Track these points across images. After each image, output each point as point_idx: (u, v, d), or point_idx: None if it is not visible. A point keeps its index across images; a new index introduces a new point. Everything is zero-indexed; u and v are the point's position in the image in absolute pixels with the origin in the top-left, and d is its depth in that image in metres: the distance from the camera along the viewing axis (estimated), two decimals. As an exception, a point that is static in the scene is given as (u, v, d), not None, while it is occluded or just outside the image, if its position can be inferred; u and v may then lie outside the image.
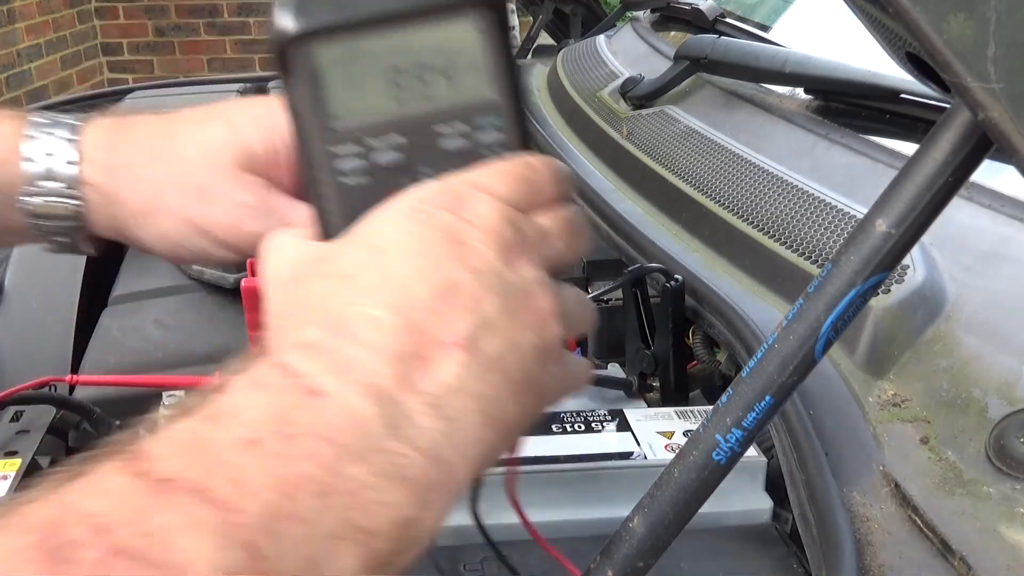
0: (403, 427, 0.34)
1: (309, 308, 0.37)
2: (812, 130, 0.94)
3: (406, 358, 0.35)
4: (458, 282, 0.37)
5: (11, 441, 0.73)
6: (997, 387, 0.61)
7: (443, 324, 0.36)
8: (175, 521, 0.29)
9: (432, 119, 0.44)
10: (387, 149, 0.43)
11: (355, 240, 0.40)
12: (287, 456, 0.31)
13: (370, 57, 0.43)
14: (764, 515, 0.68)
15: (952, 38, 0.31)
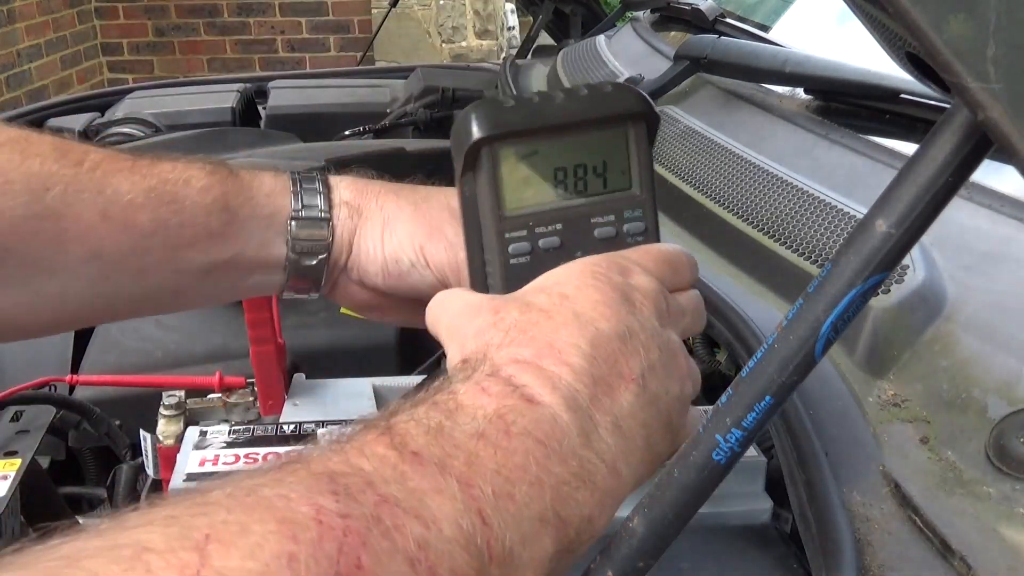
0: (593, 439, 0.41)
1: (516, 330, 0.45)
2: (812, 130, 0.94)
3: (600, 381, 0.43)
4: (633, 330, 0.45)
5: (11, 441, 0.73)
6: (997, 387, 0.61)
7: (623, 360, 0.44)
8: (426, 485, 0.35)
9: (588, 211, 0.53)
10: (550, 235, 0.52)
11: (543, 288, 0.48)
12: (508, 449, 0.38)
13: (540, 158, 0.52)
14: (764, 515, 0.68)
15: (952, 38, 0.31)
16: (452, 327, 0.49)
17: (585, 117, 0.52)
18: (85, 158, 0.57)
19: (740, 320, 0.73)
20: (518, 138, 0.51)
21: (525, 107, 0.51)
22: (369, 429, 0.37)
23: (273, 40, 5.36)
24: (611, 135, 0.53)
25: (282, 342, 0.80)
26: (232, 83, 1.87)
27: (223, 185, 0.61)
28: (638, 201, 0.54)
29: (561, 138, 0.52)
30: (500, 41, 5.23)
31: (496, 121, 0.51)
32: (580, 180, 0.53)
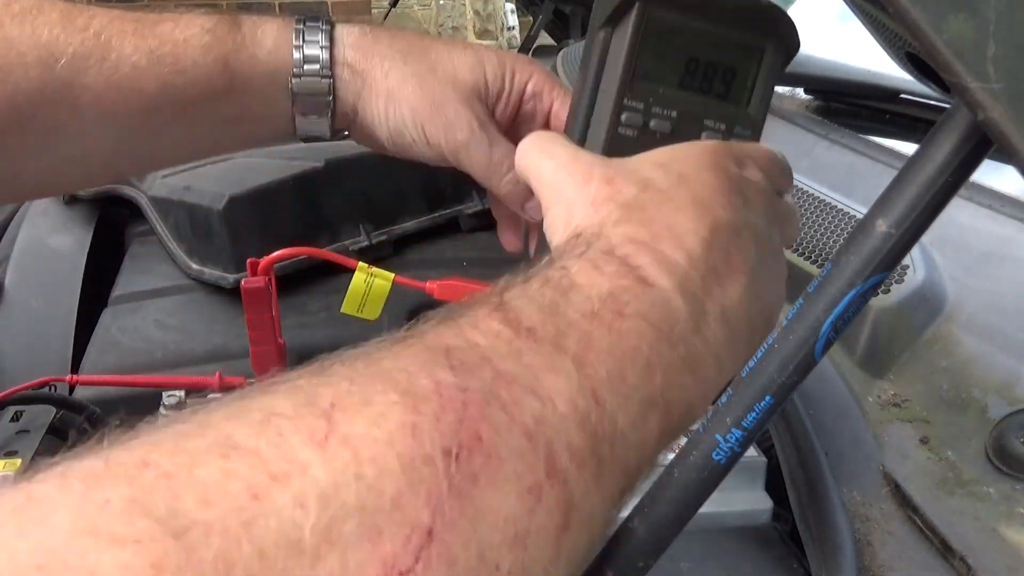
0: (702, 327, 0.41)
1: (633, 208, 0.43)
2: (812, 130, 0.94)
3: (712, 270, 0.42)
4: (746, 221, 0.44)
5: (11, 441, 0.73)
6: (997, 387, 0.61)
7: (737, 251, 0.43)
8: (540, 362, 0.34)
9: (704, 110, 0.52)
10: (664, 119, 0.51)
11: (660, 164, 0.46)
12: (620, 330, 0.37)
13: (682, 41, 0.51)
14: (764, 515, 0.68)
15: (952, 38, 0.31)
16: (557, 186, 0.47)
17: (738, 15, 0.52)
18: (90, 23, 0.59)
19: (740, 320, 0.73)
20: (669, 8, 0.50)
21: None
22: (482, 304, 0.37)
23: (273, 40, 5.35)
24: (749, 46, 0.53)
25: (282, 342, 0.80)
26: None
27: (223, 44, 0.62)
28: (750, 121, 0.53)
29: (707, 26, 0.51)
30: (500, 41, 5.23)
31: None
32: (707, 78, 0.52)
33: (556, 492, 0.32)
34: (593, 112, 0.51)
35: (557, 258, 0.41)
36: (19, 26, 0.57)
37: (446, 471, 0.29)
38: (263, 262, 0.78)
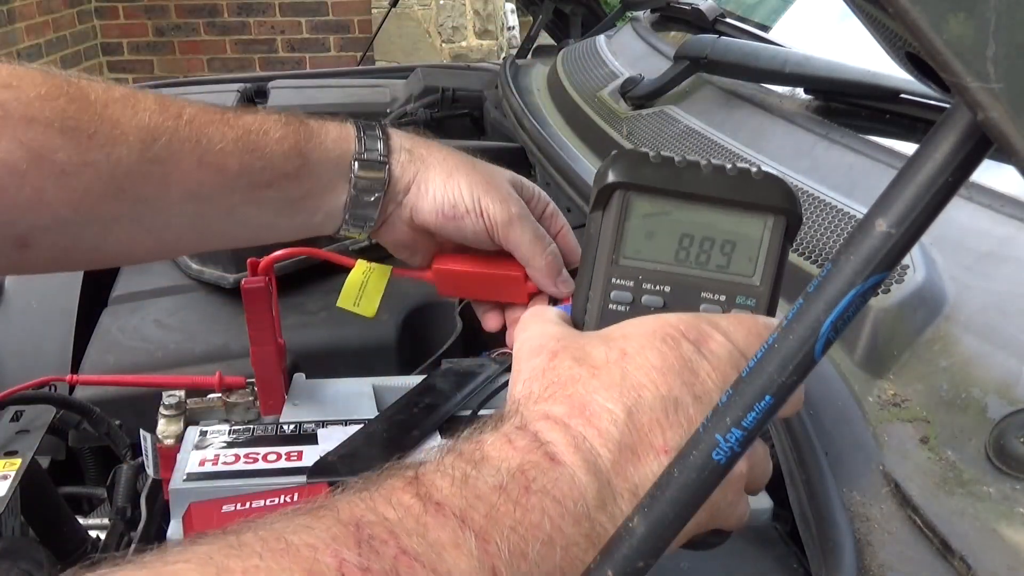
0: (609, 504, 0.42)
1: (557, 385, 0.46)
2: (812, 130, 0.94)
3: (624, 450, 0.43)
4: (681, 402, 0.45)
5: (11, 441, 0.73)
6: (997, 387, 0.61)
7: (659, 431, 0.44)
8: (445, 537, 0.37)
9: (700, 284, 0.53)
10: (654, 294, 0.53)
11: (608, 340, 0.48)
12: (526, 506, 0.39)
13: (671, 220, 0.52)
14: (764, 515, 0.68)
15: (952, 38, 0.31)
16: (518, 355, 0.50)
17: (726, 197, 0.52)
18: (183, 112, 0.67)
19: (740, 320, 0.73)
20: (654, 194, 0.52)
21: (669, 168, 0.52)
22: (398, 476, 0.39)
23: (273, 40, 5.36)
24: (749, 220, 0.53)
25: (282, 342, 0.80)
26: (232, 83, 1.87)
27: (296, 135, 0.71)
28: (755, 291, 0.53)
29: (697, 207, 0.52)
30: (500, 41, 5.23)
31: (637, 172, 0.52)
32: (703, 252, 0.53)
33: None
34: (590, 289, 0.54)
35: (476, 432, 0.43)
36: (121, 108, 0.65)
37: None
38: (263, 262, 0.78)
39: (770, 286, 0.53)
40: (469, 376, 0.80)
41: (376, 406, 0.78)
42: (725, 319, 0.50)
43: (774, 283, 0.53)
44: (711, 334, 0.48)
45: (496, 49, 5.14)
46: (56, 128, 0.61)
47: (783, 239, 0.53)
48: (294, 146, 0.70)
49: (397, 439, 0.70)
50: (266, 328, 0.77)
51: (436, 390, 0.78)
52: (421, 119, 1.71)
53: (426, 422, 0.73)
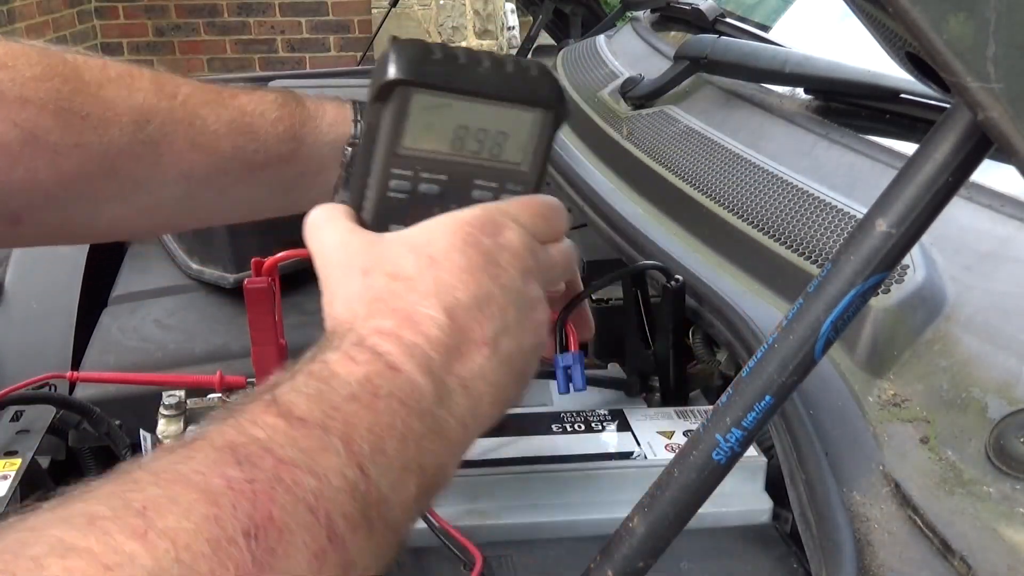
0: (446, 400, 0.47)
1: (379, 301, 0.49)
2: (812, 130, 0.94)
3: (451, 350, 0.48)
4: (491, 295, 0.50)
5: (11, 441, 0.73)
6: (997, 387, 0.61)
7: (477, 327, 0.49)
8: (314, 445, 0.41)
9: (474, 172, 0.57)
10: (431, 182, 0.56)
11: (414, 248, 0.51)
12: (377, 410, 0.44)
13: (448, 112, 0.55)
14: (764, 515, 0.68)
15: (952, 38, 0.31)
16: (325, 273, 0.54)
17: (503, 94, 0.56)
18: (178, 91, 0.68)
19: (740, 320, 0.73)
20: (435, 91, 0.55)
21: (450, 64, 0.54)
22: (256, 401, 0.43)
23: (273, 40, 5.36)
24: (520, 114, 0.57)
25: (283, 342, 0.80)
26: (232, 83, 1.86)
27: (292, 117, 0.71)
28: (523, 178, 0.58)
29: (474, 101, 0.55)
30: (500, 41, 5.23)
31: (419, 69, 0.54)
32: (477, 142, 0.56)
33: (337, 554, 0.39)
34: (368, 178, 0.56)
35: (319, 352, 0.47)
36: (116, 88, 0.65)
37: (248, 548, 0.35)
38: (267, 263, 0.78)
39: (537, 173, 0.58)
40: (469, 376, 0.79)
41: (376, 406, 0.78)
42: (510, 205, 0.55)
43: (541, 171, 0.58)
44: (504, 223, 0.53)
45: (496, 49, 5.13)
46: (50, 110, 0.62)
47: (551, 131, 0.58)
48: (289, 128, 0.71)
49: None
50: (268, 329, 0.77)
51: (436, 390, 0.77)
52: (421, 119, 1.70)
53: (426, 422, 0.72)
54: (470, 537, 0.65)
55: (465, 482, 0.67)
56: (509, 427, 0.73)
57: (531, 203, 0.56)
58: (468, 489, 0.67)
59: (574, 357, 0.76)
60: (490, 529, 0.65)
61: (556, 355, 0.76)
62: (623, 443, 0.71)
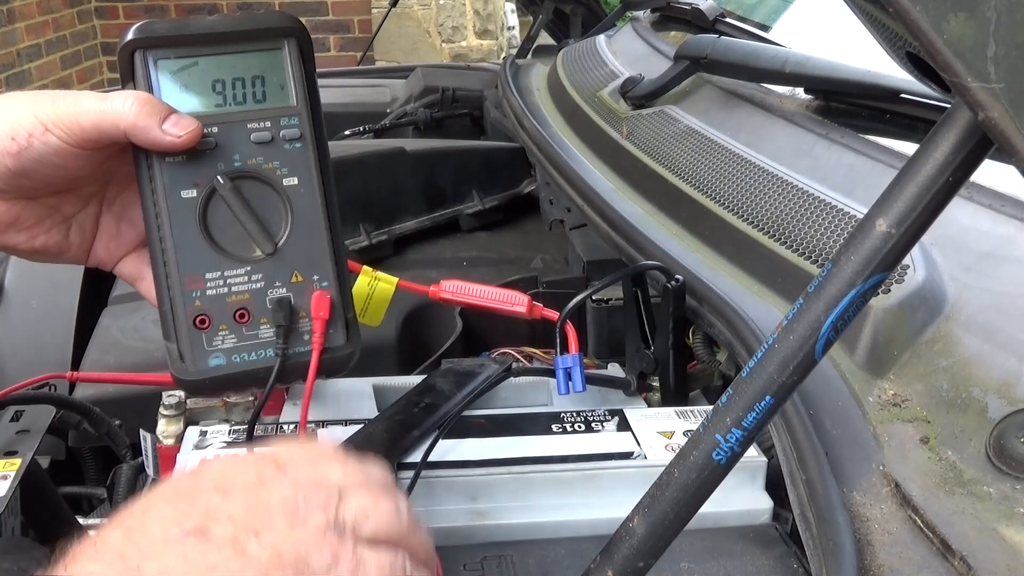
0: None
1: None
2: (812, 130, 0.94)
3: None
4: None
5: (11, 441, 0.73)
6: (997, 387, 0.61)
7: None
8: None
9: (245, 118, 0.59)
10: (207, 138, 0.58)
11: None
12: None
13: (199, 70, 0.58)
14: (764, 515, 0.68)
15: (952, 38, 0.31)
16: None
17: (235, 28, 0.58)
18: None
19: (740, 320, 0.73)
20: (173, 46, 0.57)
21: (177, 22, 0.58)
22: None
23: (273, 40, 5.36)
24: (268, 53, 0.59)
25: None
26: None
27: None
28: (295, 111, 0.60)
29: (219, 52, 0.58)
30: (500, 41, 5.22)
31: (148, 28, 0.57)
32: (239, 92, 0.59)
33: None
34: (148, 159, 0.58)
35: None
36: None
37: None
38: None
39: (306, 103, 0.60)
40: (469, 376, 0.79)
41: (376, 406, 0.78)
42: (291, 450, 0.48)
43: (308, 100, 0.60)
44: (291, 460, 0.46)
45: (496, 49, 5.13)
46: None
47: (301, 58, 0.60)
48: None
49: (397, 439, 0.70)
50: (266, 328, 0.77)
51: (436, 390, 0.78)
52: (421, 119, 1.71)
53: (426, 422, 0.72)
54: (470, 537, 0.65)
55: (465, 482, 0.67)
56: (509, 427, 0.73)
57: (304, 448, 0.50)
58: (468, 489, 0.67)
59: (574, 358, 0.76)
60: (490, 529, 0.65)
61: (556, 356, 0.76)
62: (623, 443, 0.71)
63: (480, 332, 1.07)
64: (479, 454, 0.67)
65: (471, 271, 1.20)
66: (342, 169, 1.26)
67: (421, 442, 0.71)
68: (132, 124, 0.57)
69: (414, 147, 1.38)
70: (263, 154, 0.59)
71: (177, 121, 0.58)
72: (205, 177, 0.58)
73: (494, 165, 1.43)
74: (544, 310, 0.82)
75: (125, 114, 0.57)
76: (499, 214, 1.40)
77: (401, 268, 1.16)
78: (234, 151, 0.58)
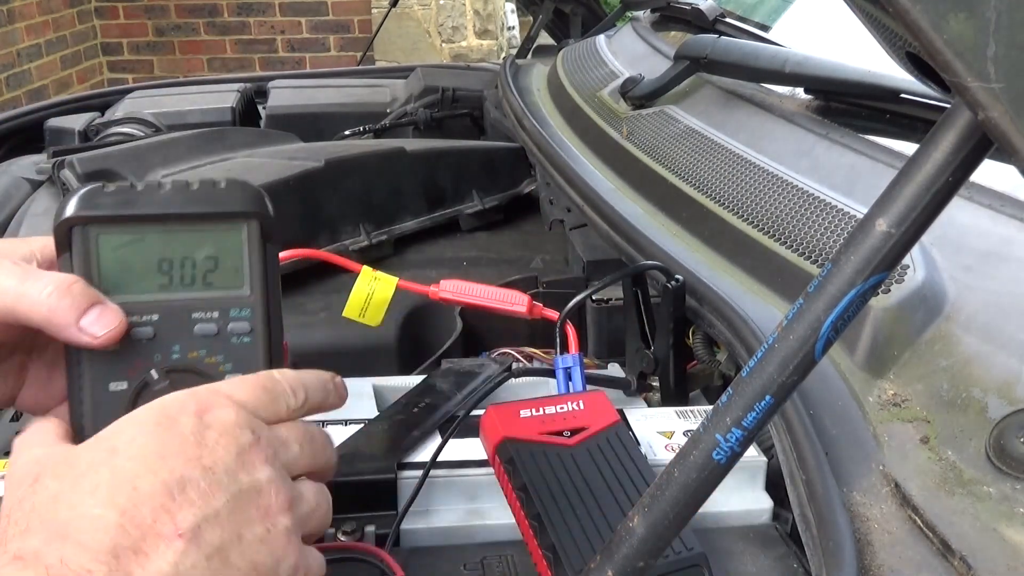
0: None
1: (35, 511, 0.42)
2: (812, 130, 0.94)
3: (122, 552, 0.41)
4: (188, 479, 0.43)
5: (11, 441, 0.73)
6: (997, 387, 0.61)
7: (166, 517, 0.42)
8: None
9: (190, 305, 0.51)
10: (143, 325, 0.51)
11: (97, 443, 0.45)
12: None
13: (144, 246, 0.51)
14: (764, 515, 0.68)
15: (952, 38, 0.31)
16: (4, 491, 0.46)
17: (189, 211, 0.51)
18: None
19: (740, 320, 0.73)
20: (117, 223, 0.50)
21: (125, 193, 0.50)
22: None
23: (273, 40, 5.36)
24: (223, 232, 0.52)
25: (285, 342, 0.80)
26: (232, 83, 1.87)
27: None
28: (247, 301, 0.52)
29: (168, 229, 0.51)
30: (500, 41, 5.23)
31: (92, 203, 0.49)
32: (187, 273, 0.52)
33: None
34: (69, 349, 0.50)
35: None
36: None
37: None
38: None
39: (261, 293, 0.52)
40: (469, 376, 0.80)
41: (376, 406, 0.78)
42: (224, 384, 0.49)
43: (265, 289, 0.53)
44: (212, 401, 0.47)
45: (496, 49, 5.13)
46: None
47: (261, 243, 0.52)
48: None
49: (397, 439, 0.70)
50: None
51: (436, 390, 0.78)
52: (421, 119, 1.71)
53: (426, 422, 0.73)
54: (470, 537, 0.65)
55: (465, 482, 0.67)
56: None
57: (249, 379, 0.49)
58: (468, 489, 0.67)
59: (574, 358, 0.76)
60: (490, 529, 0.65)
61: (556, 356, 0.76)
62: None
63: (480, 332, 1.07)
64: (479, 454, 0.67)
65: (471, 271, 1.20)
66: (342, 169, 1.26)
67: (421, 442, 0.71)
68: (46, 319, 0.49)
69: (414, 147, 1.38)
70: (206, 347, 0.52)
71: (98, 317, 0.50)
72: (138, 369, 0.51)
73: (494, 165, 1.43)
74: (544, 310, 0.82)
75: (40, 304, 0.49)
76: (499, 214, 1.40)
77: (401, 268, 1.16)
78: (174, 342, 0.51)
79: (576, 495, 0.61)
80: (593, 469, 0.63)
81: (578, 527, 0.59)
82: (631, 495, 0.62)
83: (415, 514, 0.65)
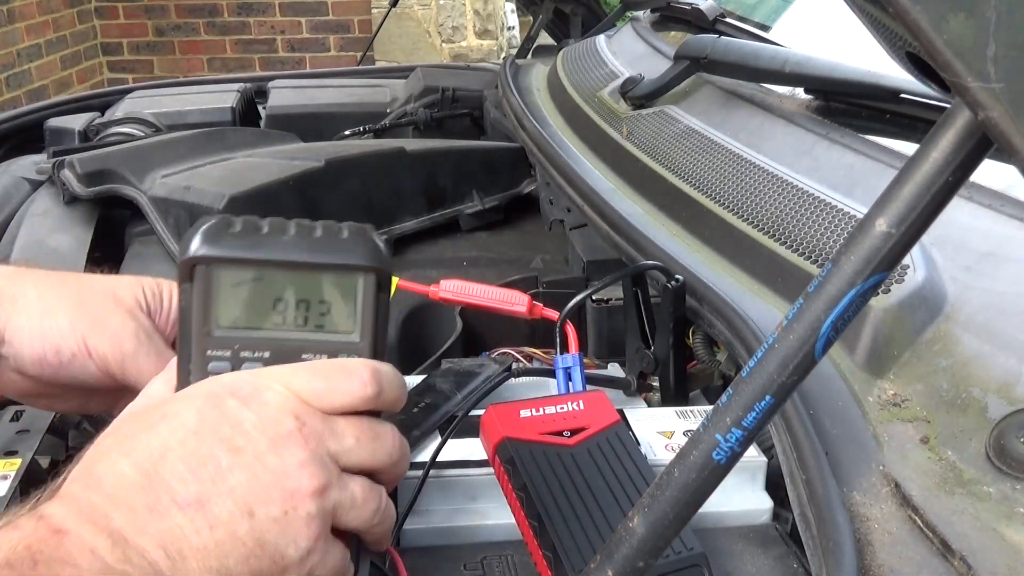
0: (135, 558, 0.45)
1: (84, 462, 0.49)
2: (812, 130, 0.94)
3: (139, 507, 0.46)
4: (210, 456, 0.47)
5: (11, 441, 0.73)
6: (997, 387, 0.61)
7: (180, 487, 0.46)
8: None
9: (301, 346, 0.53)
10: (254, 360, 0.52)
11: (158, 408, 0.50)
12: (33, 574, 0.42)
13: (263, 285, 0.52)
14: (764, 515, 0.68)
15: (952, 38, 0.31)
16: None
17: (311, 261, 0.52)
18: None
19: (740, 320, 0.73)
20: (240, 264, 0.52)
21: (251, 236, 0.52)
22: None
23: (273, 40, 5.36)
24: (340, 280, 0.53)
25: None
26: (232, 83, 1.87)
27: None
28: (355, 348, 0.53)
29: (285, 271, 0.52)
30: (500, 41, 5.23)
31: (218, 243, 0.51)
32: (300, 314, 0.53)
33: None
34: (189, 363, 0.53)
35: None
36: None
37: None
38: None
39: (371, 341, 0.53)
40: (469, 376, 0.79)
41: (376, 406, 0.78)
42: (284, 369, 0.51)
43: (374, 337, 0.53)
44: (262, 386, 0.49)
45: (496, 49, 5.14)
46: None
47: (376, 293, 0.53)
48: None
49: (397, 439, 0.70)
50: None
51: (436, 390, 0.78)
52: (421, 119, 1.71)
53: (426, 422, 0.73)
54: (470, 537, 0.65)
55: (465, 482, 0.67)
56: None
57: (314, 365, 0.51)
58: (468, 489, 0.67)
59: (574, 358, 0.76)
60: (490, 529, 0.65)
61: (556, 356, 0.76)
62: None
63: (480, 332, 1.07)
64: (479, 454, 0.67)
65: (471, 271, 1.20)
66: (342, 169, 1.26)
67: (421, 442, 0.71)
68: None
69: (414, 147, 1.38)
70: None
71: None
72: None
73: (494, 165, 1.43)
74: (544, 310, 0.82)
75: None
76: (499, 214, 1.40)
77: (401, 268, 1.16)
78: None
79: (576, 495, 0.61)
80: (593, 469, 0.63)
81: (578, 527, 0.59)
82: (631, 495, 0.62)
83: (415, 514, 0.65)
